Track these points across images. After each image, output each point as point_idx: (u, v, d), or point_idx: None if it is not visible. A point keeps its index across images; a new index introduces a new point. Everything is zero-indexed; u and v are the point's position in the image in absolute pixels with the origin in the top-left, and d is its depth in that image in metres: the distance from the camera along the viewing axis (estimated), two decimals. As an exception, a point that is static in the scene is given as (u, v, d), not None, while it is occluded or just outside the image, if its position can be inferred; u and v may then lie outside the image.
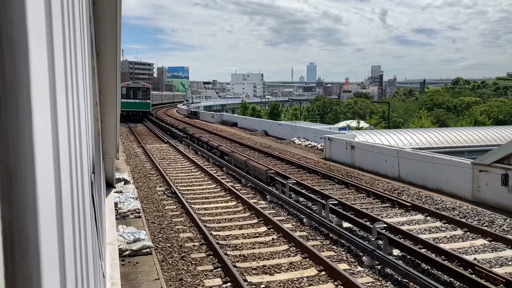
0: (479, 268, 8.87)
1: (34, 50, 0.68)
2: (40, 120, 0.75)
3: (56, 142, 0.96)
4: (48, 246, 0.78)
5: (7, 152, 0.58)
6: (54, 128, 0.95)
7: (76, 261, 1.30)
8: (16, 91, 0.62)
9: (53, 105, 0.94)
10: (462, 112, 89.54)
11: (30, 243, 0.67)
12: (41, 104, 0.77)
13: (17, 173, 0.62)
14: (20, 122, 0.64)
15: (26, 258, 0.65)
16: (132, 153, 27.40)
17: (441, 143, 26.34)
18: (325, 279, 8.92)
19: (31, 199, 0.68)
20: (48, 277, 0.75)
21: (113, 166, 10.21)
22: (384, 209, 14.25)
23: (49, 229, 0.82)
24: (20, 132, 0.64)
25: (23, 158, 0.65)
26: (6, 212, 0.58)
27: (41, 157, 0.74)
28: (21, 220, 0.64)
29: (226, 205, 14.77)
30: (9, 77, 0.59)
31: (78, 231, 1.45)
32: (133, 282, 8.41)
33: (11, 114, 0.60)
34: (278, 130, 37.30)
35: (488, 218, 12.93)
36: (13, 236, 0.61)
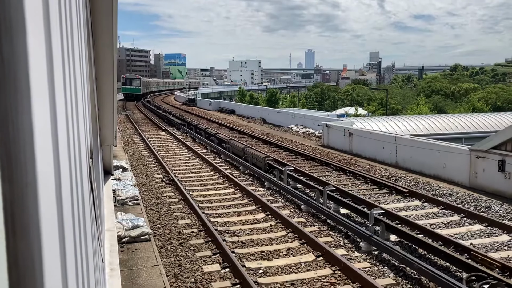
0: (475, 253, 8.96)
1: (31, 31, 0.69)
2: (39, 100, 0.75)
3: (54, 122, 0.96)
4: (48, 225, 0.79)
5: (6, 131, 0.58)
6: (52, 109, 0.96)
7: (75, 242, 1.31)
8: (15, 71, 0.62)
9: (51, 86, 0.95)
10: (460, 98, 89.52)
11: (31, 221, 0.68)
12: (39, 84, 0.77)
13: (16, 152, 0.63)
14: (18, 102, 0.64)
15: (27, 237, 0.66)
16: (129, 140, 27.38)
17: (439, 129, 26.37)
18: (322, 264, 9.01)
19: (31, 177, 0.69)
20: (49, 256, 0.76)
21: (110, 153, 10.21)
22: (381, 196, 14.33)
23: (49, 208, 0.83)
24: (19, 112, 0.64)
25: (22, 137, 0.65)
26: (6, 190, 0.58)
27: (40, 136, 0.75)
28: (21, 198, 0.65)
29: (224, 192, 14.82)
30: (7, 57, 0.59)
31: (77, 211, 1.46)
32: (132, 268, 8.47)
33: (9, 94, 0.60)
34: (276, 118, 37.27)
35: (485, 204, 13.02)
36: (14, 214, 0.61)
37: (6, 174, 0.58)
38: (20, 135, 0.65)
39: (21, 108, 0.65)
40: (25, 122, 0.67)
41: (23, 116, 0.66)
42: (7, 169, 0.59)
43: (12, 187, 0.61)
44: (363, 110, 63.58)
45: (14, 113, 0.62)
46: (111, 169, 11.90)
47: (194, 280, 8.27)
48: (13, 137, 0.61)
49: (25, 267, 0.65)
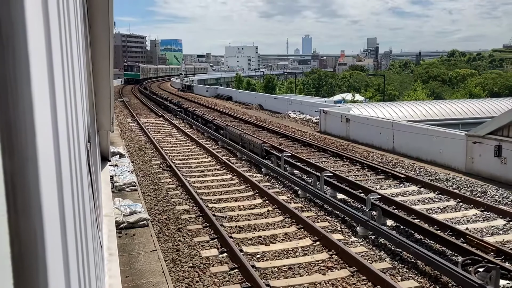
0: (471, 237, 9.04)
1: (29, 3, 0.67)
2: (37, 69, 0.74)
3: (53, 95, 0.95)
4: (49, 200, 0.79)
5: (6, 104, 0.57)
6: (51, 81, 0.94)
7: (75, 220, 1.31)
8: (13, 41, 0.61)
9: (49, 60, 0.93)
10: (457, 84, 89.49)
11: (32, 196, 0.67)
12: (37, 53, 0.76)
13: (17, 126, 0.62)
14: (17, 73, 0.63)
15: (29, 211, 0.65)
16: (126, 127, 27.31)
17: (436, 115, 26.40)
18: (319, 249, 9.08)
19: (32, 152, 0.68)
20: (50, 231, 0.76)
21: (107, 139, 10.18)
22: (378, 181, 14.39)
23: (49, 184, 0.82)
24: (18, 85, 0.63)
25: (22, 107, 0.64)
26: (7, 164, 0.58)
27: (40, 108, 0.74)
28: (22, 172, 0.64)
29: (222, 178, 14.85)
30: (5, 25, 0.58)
31: (76, 191, 1.45)
32: (130, 254, 8.52)
33: (8, 63, 0.59)
34: (273, 104, 37.19)
35: (481, 188, 13.10)
36: (16, 189, 0.61)
37: (7, 147, 0.57)
38: (20, 105, 0.63)
39: (20, 76, 0.64)
40: (24, 92, 0.66)
41: (23, 86, 0.65)
42: (7, 142, 0.58)
43: (12, 161, 0.60)
44: (360, 96, 63.45)
45: (13, 82, 0.61)
46: (108, 155, 11.88)
47: (192, 265, 8.33)
48: (13, 107, 0.60)
49: (27, 241, 0.64)
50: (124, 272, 7.51)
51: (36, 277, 0.67)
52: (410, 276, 7.93)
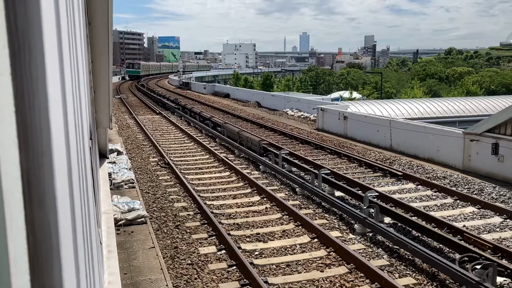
0: (468, 234, 9.09)
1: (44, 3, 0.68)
2: (52, 69, 0.75)
3: (63, 94, 0.96)
4: (62, 195, 0.80)
5: (22, 101, 0.59)
6: (62, 81, 0.95)
7: (82, 216, 1.32)
8: (29, 40, 0.62)
9: (60, 59, 0.94)
10: (455, 82, 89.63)
11: (47, 191, 0.68)
12: (51, 54, 0.77)
13: (32, 121, 0.63)
14: (33, 70, 0.64)
15: (43, 206, 0.67)
16: (124, 124, 27.28)
17: (433, 113, 26.46)
18: (317, 246, 9.11)
19: (47, 146, 0.69)
20: (63, 225, 0.77)
21: (106, 136, 10.18)
22: (376, 178, 14.43)
23: (62, 179, 0.83)
24: (33, 81, 0.64)
25: (37, 105, 0.65)
26: (23, 159, 0.59)
27: (53, 107, 0.75)
28: (38, 167, 0.65)
29: (220, 176, 14.86)
30: (21, 26, 0.59)
31: (83, 187, 1.47)
32: (129, 250, 8.53)
33: (24, 61, 0.60)
34: (271, 101, 37.20)
35: (478, 186, 13.16)
36: (31, 183, 0.62)
37: (23, 143, 0.58)
38: (36, 104, 0.65)
39: (36, 76, 0.65)
40: (40, 91, 0.67)
41: (38, 85, 0.66)
42: (23, 137, 0.59)
43: (28, 156, 0.61)
44: (358, 94, 63.50)
45: (29, 81, 0.62)
46: (107, 153, 11.88)
47: (191, 262, 8.35)
48: (29, 105, 0.61)
49: (42, 236, 0.65)
50: (123, 269, 7.53)
51: (51, 270, 0.69)
52: (408, 273, 7.97)
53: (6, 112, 0.54)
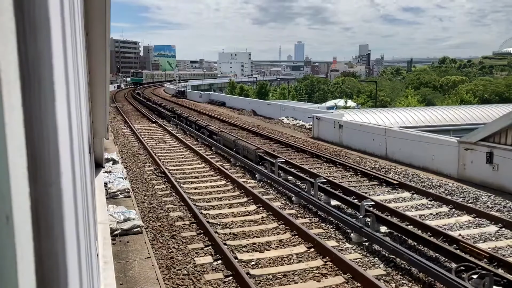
0: (464, 243, 9.10)
1: (54, 31, 0.68)
2: (60, 98, 0.75)
3: (69, 120, 0.96)
4: (69, 224, 0.79)
5: (31, 131, 0.59)
6: (68, 108, 0.95)
7: (86, 239, 1.31)
8: (39, 71, 0.62)
9: (66, 84, 0.94)
10: (449, 91, 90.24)
11: (56, 221, 0.68)
12: (60, 82, 0.77)
13: (42, 152, 0.63)
14: (42, 101, 0.64)
15: (51, 236, 0.66)
16: (120, 133, 27.22)
17: (428, 121, 26.59)
18: (314, 255, 9.09)
19: (56, 177, 0.69)
20: (71, 254, 0.76)
21: (102, 146, 10.15)
22: (371, 187, 14.45)
23: (69, 207, 0.83)
24: (43, 111, 0.64)
25: (46, 136, 0.65)
26: (32, 190, 0.59)
27: (62, 135, 0.75)
28: (46, 197, 0.65)
29: (216, 184, 14.83)
30: (32, 57, 0.59)
31: (85, 208, 1.46)
32: (124, 261, 8.47)
33: (34, 93, 0.60)
34: (267, 110, 37.26)
35: (473, 195, 13.20)
36: (39, 213, 0.62)
37: (32, 174, 0.58)
38: (45, 134, 0.65)
39: (45, 107, 0.65)
40: (49, 121, 0.67)
41: (47, 115, 0.66)
42: (33, 169, 0.59)
43: (37, 187, 0.61)
44: (353, 102, 63.77)
45: (38, 112, 0.62)
46: (102, 162, 11.84)
47: (187, 272, 8.30)
48: (38, 136, 0.61)
49: (49, 266, 0.65)
50: (119, 279, 7.47)
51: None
52: (404, 283, 7.96)
53: (16, 144, 0.54)
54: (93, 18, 4.90)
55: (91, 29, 5.05)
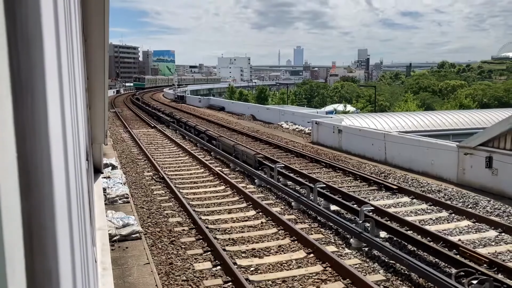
0: (464, 248, 9.07)
1: (47, 42, 0.68)
2: (54, 111, 0.74)
3: (64, 132, 0.95)
4: (63, 238, 0.78)
5: (23, 145, 0.58)
6: (62, 119, 0.94)
7: (81, 250, 1.30)
8: (32, 84, 0.62)
9: (61, 95, 0.93)
10: (448, 95, 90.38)
11: (49, 236, 0.67)
12: (53, 95, 0.76)
13: (34, 166, 0.62)
14: (35, 114, 0.64)
15: (44, 252, 0.65)
16: (118, 138, 27.20)
17: (427, 126, 26.61)
18: (313, 261, 9.06)
19: (48, 191, 0.68)
20: (64, 271, 0.75)
21: (100, 151, 10.13)
22: (371, 192, 14.43)
23: (63, 221, 0.82)
24: (36, 125, 0.64)
25: (39, 150, 0.64)
26: (24, 205, 0.58)
27: (55, 148, 0.74)
28: (39, 212, 0.64)
29: (215, 190, 14.81)
30: (24, 70, 0.58)
31: (81, 219, 1.45)
32: (123, 267, 8.44)
33: (27, 107, 0.60)
34: (266, 114, 37.28)
35: (473, 200, 13.18)
36: (32, 229, 0.61)
37: (24, 188, 0.57)
38: (38, 148, 0.64)
39: (38, 120, 0.65)
40: (42, 134, 0.66)
41: (40, 128, 0.66)
42: (25, 183, 0.58)
43: (29, 202, 0.60)
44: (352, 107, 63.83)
45: (31, 126, 0.61)
46: (101, 167, 11.81)
47: (186, 278, 8.26)
48: (31, 150, 0.61)
49: (42, 285, 0.63)
50: (117, 285, 7.43)
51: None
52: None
53: (8, 159, 0.53)
54: (91, 24, 4.91)
55: (90, 35, 5.06)
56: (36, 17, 0.63)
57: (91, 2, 4.48)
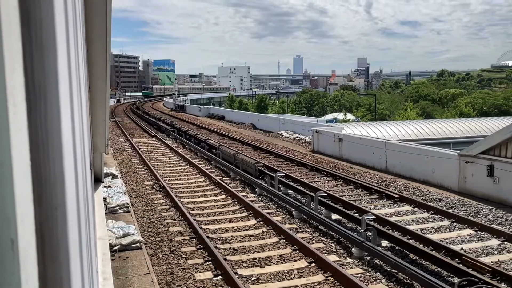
0: (466, 257, 9.02)
1: (60, 50, 0.67)
2: (66, 119, 0.74)
3: (73, 141, 0.94)
4: (74, 246, 0.77)
5: (37, 153, 0.57)
6: (72, 128, 0.93)
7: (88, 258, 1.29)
8: (45, 92, 0.61)
9: (71, 104, 0.93)
10: (447, 104, 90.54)
11: (61, 244, 0.66)
12: (66, 104, 0.75)
13: (47, 174, 0.62)
14: (48, 122, 0.63)
15: (56, 259, 0.64)
16: (119, 147, 27.19)
17: (427, 134, 26.62)
18: (315, 270, 9.00)
19: (61, 199, 0.67)
20: (75, 277, 0.74)
21: (101, 160, 10.12)
22: (372, 201, 14.39)
23: (74, 229, 0.81)
24: (49, 132, 0.63)
25: (52, 157, 0.64)
26: (37, 212, 0.57)
27: (67, 157, 0.73)
28: (51, 220, 0.63)
29: (216, 199, 14.77)
30: (38, 76, 0.58)
31: (87, 228, 1.43)
32: (123, 277, 8.38)
33: (40, 114, 0.59)
34: (266, 123, 37.32)
35: (474, 208, 13.14)
36: (44, 237, 0.60)
37: (37, 197, 0.57)
38: (50, 156, 0.63)
39: (51, 127, 0.64)
40: (55, 142, 0.65)
41: (53, 136, 0.65)
42: (38, 191, 0.57)
43: (42, 209, 0.59)
44: (352, 116, 63.97)
45: (45, 133, 0.61)
46: (102, 177, 11.79)
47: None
48: (44, 158, 0.60)
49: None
50: (118, 296, 7.38)
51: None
52: (407, 298, 7.87)
53: (22, 167, 0.53)
54: (94, 34, 4.93)
55: (92, 45, 5.08)
56: (50, 22, 0.63)
57: (94, 12, 4.50)
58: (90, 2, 4.34)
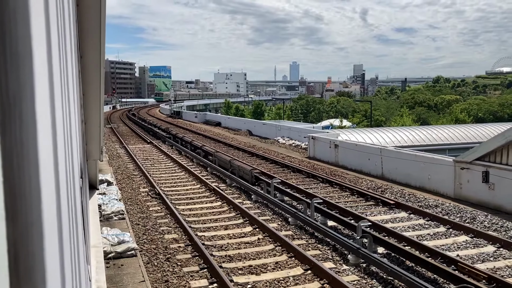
0: (462, 264, 9.01)
1: (37, 61, 0.65)
2: (44, 132, 0.72)
3: (55, 154, 0.92)
4: (52, 265, 0.75)
5: (10, 169, 0.55)
6: (54, 139, 0.91)
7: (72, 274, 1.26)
8: (20, 105, 0.59)
9: (52, 115, 0.91)
10: (443, 110, 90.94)
11: (36, 264, 0.64)
12: (43, 116, 0.73)
13: (21, 190, 0.60)
14: (24, 136, 0.61)
15: (31, 280, 0.62)
16: (114, 154, 27.10)
17: (423, 141, 26.66)
18: (311, 278, 8.96)
19: (36, 216, 0.65)
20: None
21: (96, 167, 10.06)
22: (368, 207, 14.38)
23: (53, 247, 0.78)
24: (24, 148, 0.61)
25: (27, 173, 0.62)
26: (10, 231, 0.55)
27: (45, 172, 0.71)
28: (26, 239, 0.61)
29: (211, 206, 14.71)
30: (12, 91, 0.56)
31: (74, 242, 1.40)
32: (118, 285, 8.31)
33: (15, 129, 0.57)
34: (262, 130, 37.33)
35: (470, 214, 13.15)
36: (18, 256, 0.58)
37: (10, 213, 0.54)
38: (25, 171, 0.61)
39: (27, 142, 0.62)
40: (31, 156, 0.63)
41: (29, 151, 0.63)
42: (11, 207, 0.55)
43: (16, 227, 0.57)
44: (348, 122, 64.02)
45: (20, 148, 0.59)
46: (97, 184, 11.72)
47: (182, 296, 8.13)
48: (18, 174, 0.58)
49: None
50: (112, 305, 7.31)
51: None
52: (403, 305, 7.83)
53: (-6, 184, 0.51)
54: (87, 42, 4.91)
55: (85, 52, 5.06)
56: (27, 36, 0.61)
57: (87, 20, 4.48)
58: (84, 11, 4.32)
